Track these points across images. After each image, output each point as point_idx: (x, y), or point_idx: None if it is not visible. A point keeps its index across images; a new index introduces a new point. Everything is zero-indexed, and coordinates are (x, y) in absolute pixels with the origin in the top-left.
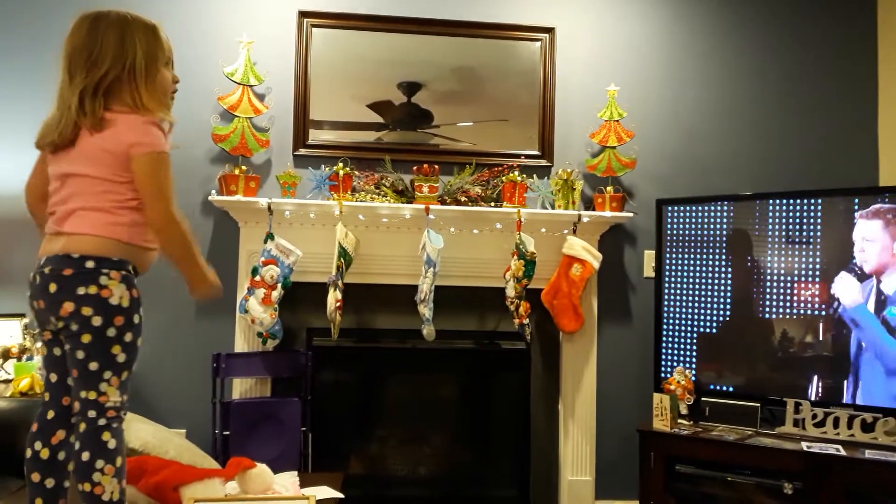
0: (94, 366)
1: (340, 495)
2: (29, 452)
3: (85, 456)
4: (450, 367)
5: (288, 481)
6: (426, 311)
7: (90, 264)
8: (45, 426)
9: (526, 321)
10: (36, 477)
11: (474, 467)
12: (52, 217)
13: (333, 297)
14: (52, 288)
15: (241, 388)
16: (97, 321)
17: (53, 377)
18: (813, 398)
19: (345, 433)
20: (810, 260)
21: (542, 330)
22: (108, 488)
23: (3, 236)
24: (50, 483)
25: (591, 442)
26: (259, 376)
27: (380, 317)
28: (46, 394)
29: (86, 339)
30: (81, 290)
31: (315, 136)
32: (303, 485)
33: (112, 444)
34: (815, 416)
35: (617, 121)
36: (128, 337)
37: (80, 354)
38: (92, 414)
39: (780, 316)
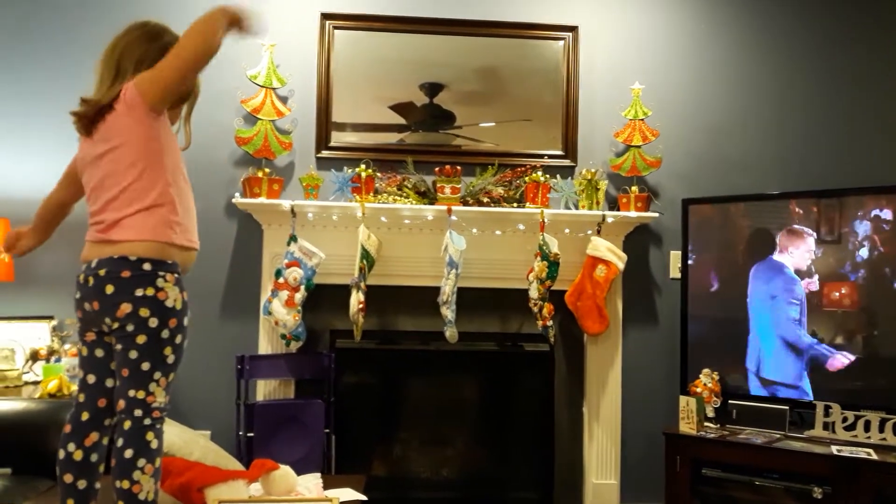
0: (146, 366)
1: (363, 497)
2: (62, 454)
3: (128, 453)
4: (472, 370)
5: (311, 483)
6: (448, 312)
7: (147, 267)
8: (78, 428)
9: (549, 323)
10: (69, 478)
11: (497, 470)
12: (99, 222)
13: (356, 299)
14: (110, 289)
15: (264, 389)
16: (153, 322)
17: (91, 378)
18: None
19: (367, 435)
20: (839, 260)
21: (566, 332)
22: (146, 487)
23: None
24: (82, 484)
25: (617, 445)
26: (283, 378)
27: (402, 319)
28: (81, 395)
29: (141, 339)
30: (139, 292)
31: (337, 138)
32: (326, 486)
33: (154, 444)
34: (845, 420)
35: (642, 119)
36: (178, 339)
37: (134, 354)
38: (138, 413)
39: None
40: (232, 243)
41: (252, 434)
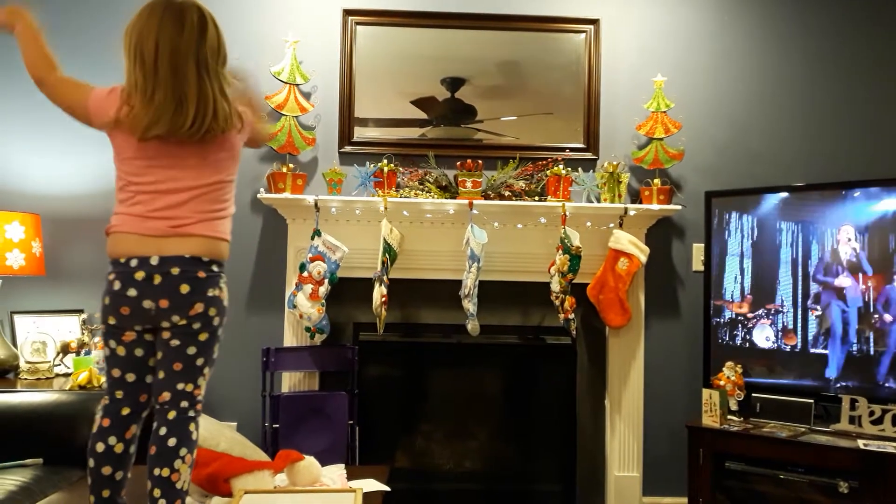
0: (200, 361)
1: (387, 488)
2: (101, 447)
3: (171, 442)
4: (494, 362)
5: (335, 474)
6: (470, 305)
7: (215, 268)
8: (119, 422)
9: (571, 316)
10: (107, 470)
11: (519, 462)
12: (167, 218)
13: (379, 293)
14: (185, 289)
15: (289, 381)
16: (216, 321)
17: (131, 377)
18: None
19: (390, 427)
20: (865, 252)
21: (588, 325)
22: (183, 476)
23: (60, 235)
24: (119, 476)
25: (639, 438)
26: (307, 370)
27: (424, 312)
28: (119, 392)
29: (203, 336)
30: (211, 293)
31: (360, 133)
32: (350, 477)
33: (194, 435)
34: (872, 413)
35: (664, 112)
36: (222, 335)
37: (192, 350)
38: (184, 405)
39: (833, 308)
40: (257, 238)
41: (277, 425)
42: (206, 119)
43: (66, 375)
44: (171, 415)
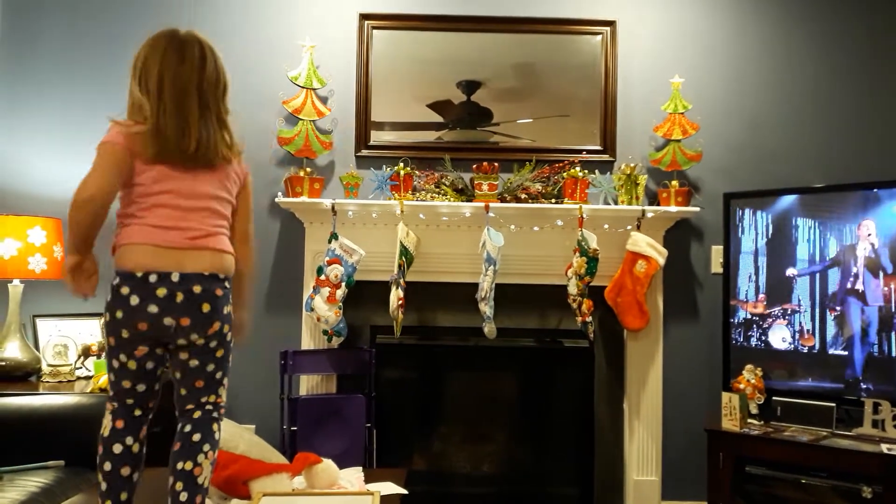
0: (219, 375)
1: (404, 491)
2: (119, 448)
3: (196, 437)
4: (511, 365)
5: (353, 476)
6: (487, 309)
7: (227, 284)
8: (132, 423)
9: (589, 319)
10: (126, 471)
11: (537, 465)
12: (182, 228)
13: (395, 296)
14: (206, 308)
15: (307, 384)
16: (229, 337)
17: (141, 388)
18: None
19: (408, 430)
20: (886, 249)
21: (606, 328)
22: (205, 472)
23: None
24: (135, 477)
25: (658, 441)
26: (325, 373)
27: (441, 315)
28: (129, 399)
29: (220, 353)
30: (225, 310)
31: (376, 137)
32: (367, 480)
33: (217, 434)
34: (895, 417)
35: (681, 113)
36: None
37: (211, 367)
38: (209, 408)
39: (852, 308)
40: (275, 242)
41: (295, 428)
42: (209, 145)
43: (87, 378)
44: (197, 414)
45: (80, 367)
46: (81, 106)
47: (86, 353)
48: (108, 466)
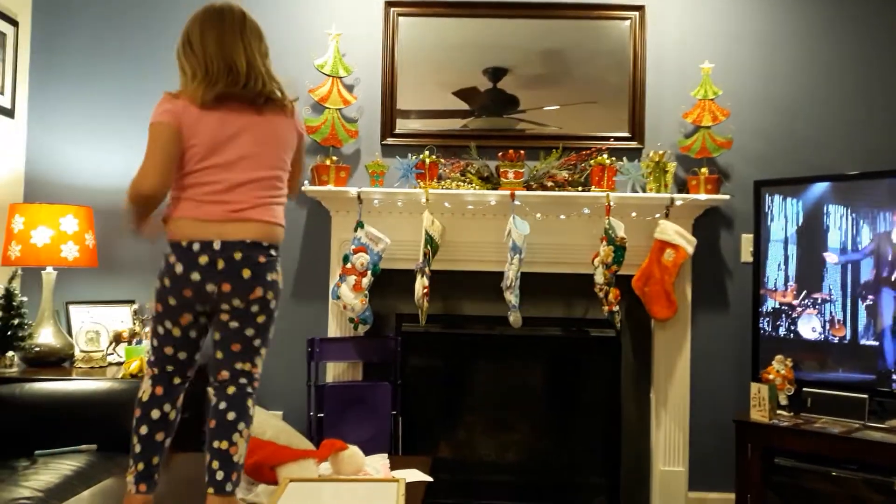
0: (258, 342)
1: (429, 478)
2: (157, 413)
3: (230, 416)
4: (537, 354)
5: (379, 463)
6: (512, 297)
7: (273, 252)
8: (171, 390)
9: (616, 308)
10: (160, 436)
11: (563, 455)
12: (224, 202)
13: (421, 284)
14: (247, 274)
15: (334, 371)
16: (273, 304)
17: (183, 355)
18: None
19: (433, 417)
20: None
21: (633, 317)
22: (241, 450)
23: (112, 228)
24: (167, 442)
25: (685, 432)
26: (351, 360)
27: (466, 303)
28: (170, 366)
29: (261, 319)
30: (270, 277)
31: (402, 125)
32: (393, 467)
33: (252, 411)
34: None
35: (711, 99)
36: (277, 317)
37: (250, 332)
38: (243, 381)
39: (885, 297)
40: (302, 230)
41: (322, 415)
42: (258, 81)
43: (119, 364)
44: (231, 390)
45: (112, 353)
46: (109, 96)
47: (117, 339)
48: (144, 430)
